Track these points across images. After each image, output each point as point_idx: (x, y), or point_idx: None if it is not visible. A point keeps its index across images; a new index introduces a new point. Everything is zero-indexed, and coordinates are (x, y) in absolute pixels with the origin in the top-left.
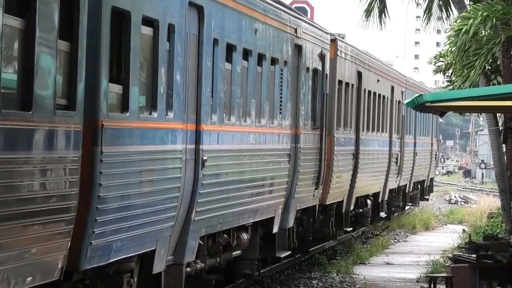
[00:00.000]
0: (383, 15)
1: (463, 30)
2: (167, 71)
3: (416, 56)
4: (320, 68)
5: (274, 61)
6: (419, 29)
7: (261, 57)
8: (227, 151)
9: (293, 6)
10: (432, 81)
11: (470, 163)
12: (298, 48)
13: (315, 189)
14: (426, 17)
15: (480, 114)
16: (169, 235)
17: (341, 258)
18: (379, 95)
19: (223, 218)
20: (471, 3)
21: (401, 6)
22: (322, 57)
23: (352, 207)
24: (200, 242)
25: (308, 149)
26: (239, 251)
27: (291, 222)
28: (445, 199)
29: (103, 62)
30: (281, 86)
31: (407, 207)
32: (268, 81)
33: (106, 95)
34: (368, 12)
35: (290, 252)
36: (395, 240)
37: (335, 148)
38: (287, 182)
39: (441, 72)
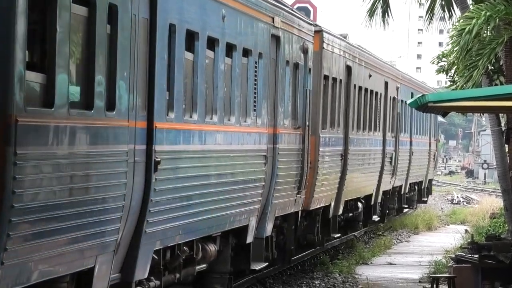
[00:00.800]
0: (386, 15)
1: (466, 30)
2: (108, 59)
3: (419, 56)
4: (302, 62)
5: (246, 53)
6: (421, 29)
7: (230, 47)
8: (187, 152)
9: (295, 6)
10: (434, 81)
11: (472, 163)
12: (276, 39)
13: (297, 193)
14: (428, 17)
15: (483, 114)
16: (113, 250)
17: (343, 258)
18: (371, 91)
19: (183, 229)
20: (474, 3)
21: (404, 6)
22: (304, 49)
23: (341, 211)
24: (155, 256)
25: (289, 150)
26: (205, 265)
27: (268, 231)
28: (447, 199)
29: (17, 44)
30: (256, 80)
31: (404, 210)
32: (240, 74)
33: (22, 84)
34: (371, 12)
35: (267, 263)
36: (398, 240)
37: (320, 149)
38: (264, 187)
39: (444, 72)
